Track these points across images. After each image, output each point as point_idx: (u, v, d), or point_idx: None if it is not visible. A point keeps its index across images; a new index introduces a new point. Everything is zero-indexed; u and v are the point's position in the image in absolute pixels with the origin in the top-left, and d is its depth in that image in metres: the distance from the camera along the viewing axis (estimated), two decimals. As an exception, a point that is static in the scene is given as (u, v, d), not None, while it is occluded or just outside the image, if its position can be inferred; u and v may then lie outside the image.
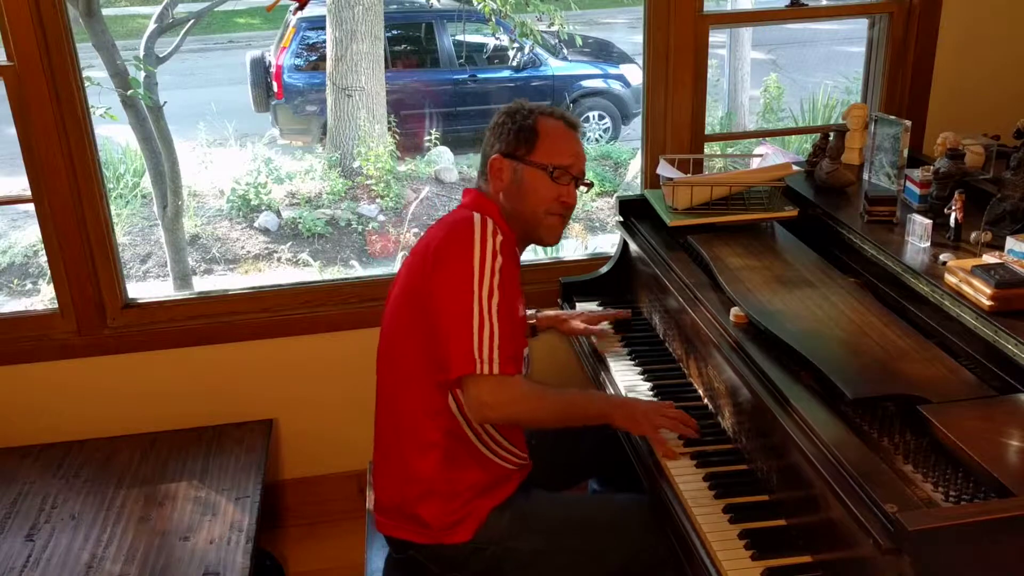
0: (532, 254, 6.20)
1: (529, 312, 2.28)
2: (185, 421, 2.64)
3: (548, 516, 1.88)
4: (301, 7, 2.54)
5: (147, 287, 5.91)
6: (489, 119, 1.98)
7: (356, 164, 6.83)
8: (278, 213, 6.57)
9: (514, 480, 1.90)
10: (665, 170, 2.42)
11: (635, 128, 7.47)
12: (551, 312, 2.34)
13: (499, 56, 7.65)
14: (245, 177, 6.70)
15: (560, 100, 7.57)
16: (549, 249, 6.11)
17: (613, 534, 1.85)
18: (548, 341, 2.67)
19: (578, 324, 2.28)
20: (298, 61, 7.28)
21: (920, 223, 1.93)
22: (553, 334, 2.42)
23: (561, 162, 1.89)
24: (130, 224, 6.45)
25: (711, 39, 2.63)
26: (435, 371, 1.77)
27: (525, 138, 1.88)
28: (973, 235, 1.87)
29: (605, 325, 2.30)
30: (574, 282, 2.54)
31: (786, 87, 8.10)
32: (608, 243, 5.62)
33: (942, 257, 1.81)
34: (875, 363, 1.62)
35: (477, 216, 1.78)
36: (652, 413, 1.82)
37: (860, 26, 3.27)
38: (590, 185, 1.98)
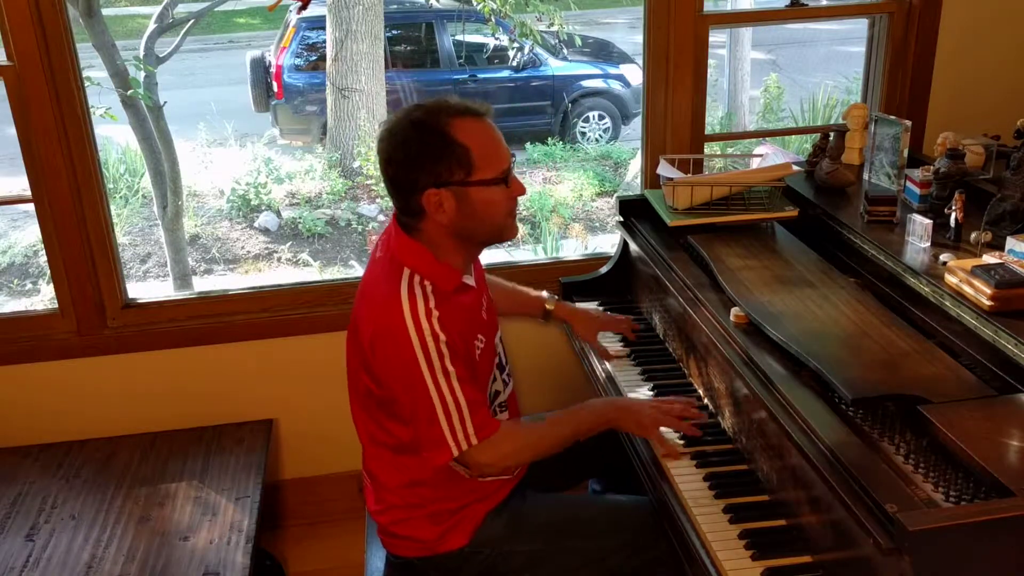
0: (532, 254, 6.21)
1: (548, 296, 2.26)
2: (185, 421, 2.64)
3: (545, 518, 1.87)
4: (304, 7, 2.55)
5: (147, 287, 5.91)
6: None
7: (356, 164, 6.83)
8: (278, 213, 6.57)
9: (508, 483, 1.89)
10: (665, 170, 2.42)
11: (635, 128, 7.47)
12: (569, 306, 2.29)
13: (499, 56, 7.66)
14: (245, 177, 6.71)
15: (560, 100, 7.57)
16: (549, 249, 6.16)
17: (612, 535, 1.84)
18: (549, 340, 2.68)
19: (588, 334, 2.24)
20: (298, 61, 7.28)
21: (920, 223, 1.93)
22: (559, 331, 2.42)
23: (503, 164, 1.68)
24: (130, 224, 6.45)
25: (711, 39, 2.63)
26: (402, 424, 1.74)
27: (456, 158, 1.62)
28: (973, 235, 1.87)
29: (610, 335, 2.29)
30: (574, 282, 2.54)
31: (786, 87, 8.10)
32: (608, 243, 5.62)
33: (942, 257, 1.81)
34: (875, 363, 1.62)
35: (404, 291, 1.64)
36: (656, 412, 1.80)
37: (860, 26, 3.27)
38: (514, 155, 1.75)
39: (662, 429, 1.80)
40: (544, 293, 2.27)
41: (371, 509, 1.91)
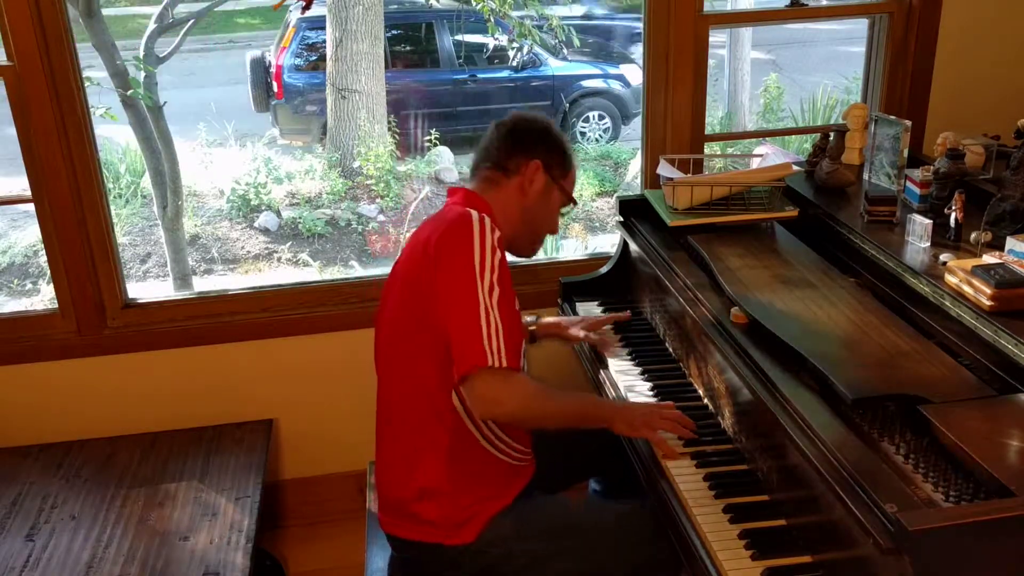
0: (532, 254, 6.22)
1: (529, 319, 2.27)
2: (185, 421, 2.64)
3: (550, 520, 1.87)
4: (307, 6, 2.56)
5: (147, 287, 5.91)
6: (488, 119, 1.96)
7: (356, 164, 6.83)
8: (278, 213, 6.57)
9: (519, 483, 1.90)
10: (665, 170, 2.42)
11: (635, 128, 7.46)
12: (551, 319, 2.32)
13: (499, 56, 7.65)
14: (245, 177, 6.70)
15: (560, 100, 7.57)
16: (549, 249, 6.16)
17: (614, 538, 1.85)
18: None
19: (578, 332, 2.25)
20: (298, 61, 7.28)
21: (920, 223, 1.93)
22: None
23: (572, 195, 1.99)
24: (130, 224, 6.45)
25: (711, 39, 2.63)
26: (442, 371, 1.75)
27: (565, 160, 1.95)
28: (973, 235, 1.87)
29: (605, 328, 2.29)
30: (574, 282, 2.54)
31: (786, 87, 8.09)
32: (608, 243, 5.62)
33: (942, 257, 1.81)
34: (875, 363, 1.62)
35: (474, 212, 1.76)
36: (651, 416, 1.81)
37: (860, 26, 3.27)
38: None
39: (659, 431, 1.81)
40: (526, 318, 2.26)
41: (390, 490, 1.89)
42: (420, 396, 1.82)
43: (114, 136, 6.75)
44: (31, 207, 2.46)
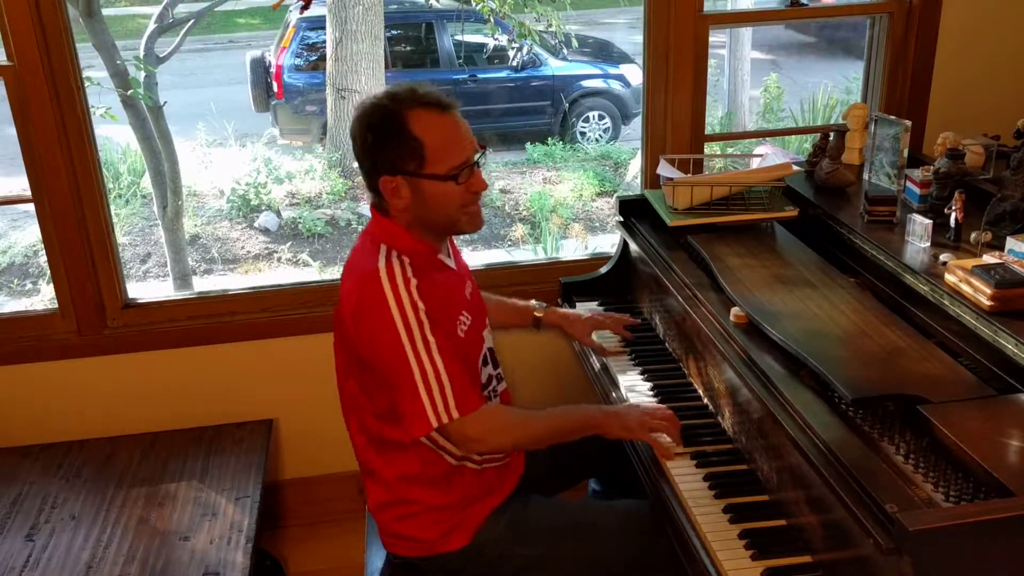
0: (532, 254, 6.21)
1: (537, 304, 2.25)
2: (185, 421, 2.64)
3: (546, 521, 1.87)
4: (306, 6, 2.56)
5: (147, 287, 5.91)
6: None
7: (356, 164, 6.82)
8: (278, 213, 6.57)
9: (508, 483, 1.89)
10: (665, 170, 2.42)
11: (635, 128, 7.46)
12: (560, 311, 2.28)
13: (499, 56, 7.66)
14: (245, 177, 6.71)
15: (560, 100, 7.57)
16: (549, 249, 6.15)
17: (612, 539, 1.84)
18: (549, 341, 2.67)
19: (582, 335, 2.23)
20: (298, 61, 7.29)
21: (920, 223, 1.93)
22: (556, 335, 2.41)
23: (458, 160, 1.69)
24: (130, 224, 6.45)
25: (711, 39, 2.63)
26: (391, 413, 1.73)
27: (407, 150, 1.66)
28: (973, 235, 1.87)
29: (608, 335, 2.28)
30: (574, 282, 2.54)
31: (786, 87, 8.09)
32: (608, 243, 5.62)
33: (942, 257, 1.81)
34: (875, 363, 1.62)
35: (383, 264, 1.67)
36: (646, 417, 1.81)
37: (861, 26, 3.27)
38: (484, 147, 1.77)
39: (654, 432, 1.80)
40: (533, 302, 2.25)
41: (371, 508, 1.91)
42: (384, 437, 1.79)
43: (114, 136, 6.75)
44: (31, 207, 2.45)
